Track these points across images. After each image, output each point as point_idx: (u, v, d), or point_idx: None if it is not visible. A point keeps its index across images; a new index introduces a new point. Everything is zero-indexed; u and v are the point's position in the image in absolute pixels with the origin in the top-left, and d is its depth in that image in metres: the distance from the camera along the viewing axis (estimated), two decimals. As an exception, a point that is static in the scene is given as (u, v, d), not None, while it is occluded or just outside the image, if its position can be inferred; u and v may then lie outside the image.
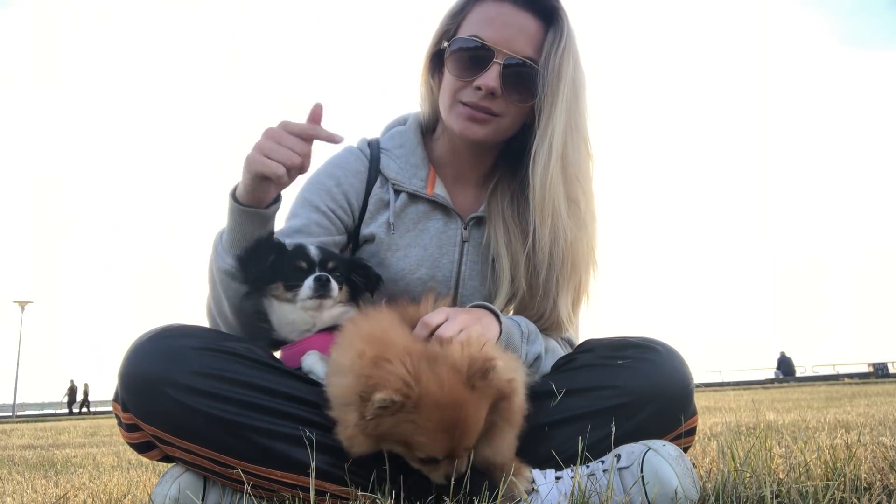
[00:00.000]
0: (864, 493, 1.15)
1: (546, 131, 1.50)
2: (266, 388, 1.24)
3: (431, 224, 1.64)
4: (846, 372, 30.36)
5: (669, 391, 1.34)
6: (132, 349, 1.24)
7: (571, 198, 1.52)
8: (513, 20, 1.50)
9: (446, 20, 1.60)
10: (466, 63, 1.52)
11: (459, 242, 1.64)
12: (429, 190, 1.64)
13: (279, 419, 1.22)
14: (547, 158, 1.49)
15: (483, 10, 1.54)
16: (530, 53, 1.50)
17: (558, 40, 1.50)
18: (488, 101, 1.51)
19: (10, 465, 3.47)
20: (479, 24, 1.52)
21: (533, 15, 1.51)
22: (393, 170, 1.66)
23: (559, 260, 1.51)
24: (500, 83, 1.49)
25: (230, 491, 1.27)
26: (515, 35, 1.50)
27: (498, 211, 1.64)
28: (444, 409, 1.06)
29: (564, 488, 1.20)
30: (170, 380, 1.19)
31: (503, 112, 1.54)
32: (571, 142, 1.51)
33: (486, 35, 1.50)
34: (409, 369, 1.07)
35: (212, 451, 1.21)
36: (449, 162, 1.70)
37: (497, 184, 1.68)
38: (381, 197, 1.65)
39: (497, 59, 1.49)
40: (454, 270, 1.64)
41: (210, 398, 1.19)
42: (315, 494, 1.14)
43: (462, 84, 1.53)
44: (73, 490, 1.99)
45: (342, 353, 1.20)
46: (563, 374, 1.40)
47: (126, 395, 1.24)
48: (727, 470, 1.31)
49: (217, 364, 1.22)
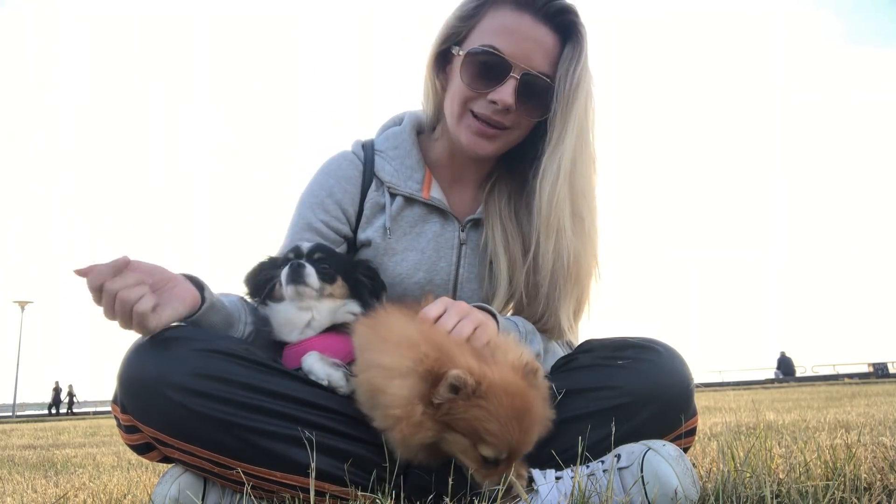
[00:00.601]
0: (864, 493, 1.15)
1: (557, 148, 1.49)
2: (265, 389, 1.24)
3: (428, 227, 1.63)
4: (846, 372, 30.35)
5: (669, 391, 1.34)
6: (131, 351, 1.24)
7: (577, 214, 1.51)
8: (532, 33, 1.47)
9: (456, 22, 1.56)
10: (482, 74, 1.49)
11: (457, 245, 1.63)
12: (424, 193, 1.62)
13: (278, 420, 1.22)
14: (556, 176, 1.49)
15: (500, 18, 1.49)
16: (546, 69, 1.48)
17: (577, 58, 1.48)
18: (501, 115, 1.50)
19: (10, 465, 3.47)
20: (497, 33, 1.48)
21: (551, 29, 1.48)
22: (388, 172, 1.64)
23: (562, 275, 1.51)
24: (514, 98, 1.46)
25: (230, 491, 1.27)
26: (534, 49, 1.47)
27: (495, 212, 1.63)
28: (514, 396, 1.10)
29: (564, 488, 1.19)
30: (168, 381, 1.19)
31: (514, 126, 1.53)
32: (581, 159, 1.50)
33: (503, 47, 1.46)
34: (474, 359, 1.12)
35: (211, 452, 1.21)
36: (447, 164, 1.68)
37: (494, 184, 1.66)
38: (377, 201, 1.63)
39: (514, 74, 1.46)
40: (452, 273, 1.62)
41: (209, 399, 1.19)
42: (315, 495, 1.14)
43: (475, 94, 1.50)
44: (73, 490, 1.99)
45: (391, 355, 1.17)
46: (563, 375, 1.40)
47: (125, 396, 1.23)
48: (727, 470, 1.31)
49: (216, 365, 1.22)
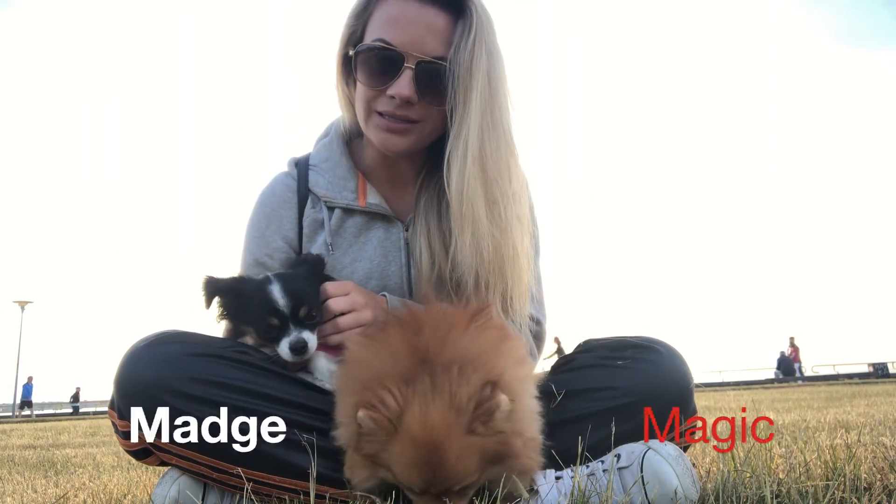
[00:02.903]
0: (864, 493, 1.15)
1: (460, 132, 1.38)
2: (262, 393, 1.24)
3: (372, 234, 1.57)
4: (846, 372, 30.33)
5: (670, 391, 1.34)
6: (127, 356, 1.23)
7: (493, 202, 1.40)
8: (419, 17, 1.38)
9: (351, 20, 1.47)
10: (376, 70, 1.41)
11: (403, 246, 1.56)
12: (361, 201, 1.55)
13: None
14: (462, 162, 1.38)
15: (387, 8, 1.41)
16: (442, 52, 1.38)
17: (467, 32, 1.37)
18: (405, 109, 1.41)
19: (10, 465, 3.47)
20: (385, 25, 1.40)
21: (440, 9, 1.39)
22: (322, 186, 1.57)
23: (483, 269, 1.41)
24: (414, 89, 1.38)
25: (229, 493, 1.26)
26: (424, 34, 1.38)
27: (420, 209, 1.56)
28: (419, 447, 1.01)
29: (564, 488, 1.19)
30: (166, 386, 1.18)
31: (423, 117, 1.44)
32: (490, 140, 1.38)
33: (392, 37, 1.38)
34: (398, 399, 1.03)
35: (209, 457, 1.21)
36: (380, 166, 1.61)
37: (422, 183, 1.59)
38: (315, 217, 1.57)
39: (408, 64, 1.37)
40: (404, 275, 1.56)
41: (206, 404, 1.19)
42: (315, 497, 1.14)
43: (374, 93, 1.42)
44: (73, 490, 1.99)
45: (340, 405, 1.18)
46: (563, 375, 1.40)
47: (122, 402, 1.23)
48: (727, 470, 1.31)
49: (213, 370, 1.22)
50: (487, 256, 1.40)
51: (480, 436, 1.02)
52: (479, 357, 1.10)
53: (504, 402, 1.03)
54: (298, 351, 1.32)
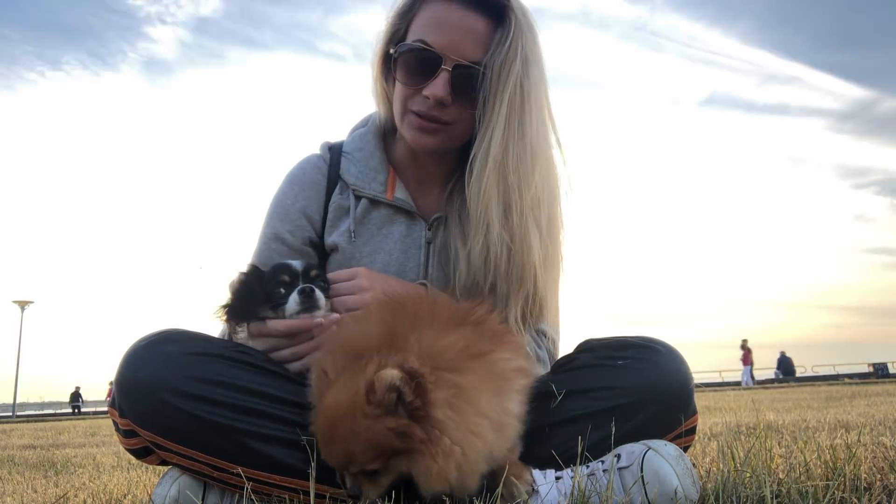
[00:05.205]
0: (864, 493, 1.15)
1: (485, 136, 1.41)
2: (263, 392, 1.24)
3: (395, 228, 1.58)
4: (846, 372, 30.33)
5: (670, 391, 1.34)
6: (128, 355, 1.24)
7: (509, 208, 1.41)
8: (462, 22, 1.41)
9: (395, 19, 1.51)
10: (414, 70, 1.44)
11: (424, 244, 1.58)
12: (388, 194, 1.58)
13: (276, 423, 1.23)
14: (482, 166, 1.41)
15: (431, 10, 1.44)
16: (479, 57, 1.41)
17: (504, 39, 1.39)
18: (438, 110, 1.43)
19: (10, 465, 3.47)
20: (427, 27, 1.43)
21: (482, 15, 1.42)
22: (353, 174, 1.60)
23: (498, 274, 1.42)
24: (449, 91, 1.40)
25: (229, 492, 1.26)
26: (463, 38, 1.41)
27: (454, 210, 1.57)
28: (321, 422, 1.10)
29: (564, 488, 1.19)
30: (166, 385, 1.19)
31: (455, 119, 1.46)
32: (514, 149, 1.40)
33: (433, 39, 1.41)
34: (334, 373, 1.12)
35: (209, 456, 1.21)
36: (411, 164, 1.64)
37: (455, 183, 1.60)
38: (341, 204, 1.59)
39: (445, 66, 1.40)
40: (421, 274, 1.57)
41: (207, 403, 1.19)
42: (315, 497, 1.14)
43: (411, 92, 1.45)
44: (73, 490, 1.99)
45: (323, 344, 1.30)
46: (564, 375, 1.40)
47: (122, 400, 1.23)
48: (727, 470, 1.31)
49: (213, 369, 1.22)
50: (495, 261, 1.42)
51: (370, 418, 1.02)
52: (428, 348, 1.09)
53: (387, 377, 1.00)
54: (306, 296, 1.33)
